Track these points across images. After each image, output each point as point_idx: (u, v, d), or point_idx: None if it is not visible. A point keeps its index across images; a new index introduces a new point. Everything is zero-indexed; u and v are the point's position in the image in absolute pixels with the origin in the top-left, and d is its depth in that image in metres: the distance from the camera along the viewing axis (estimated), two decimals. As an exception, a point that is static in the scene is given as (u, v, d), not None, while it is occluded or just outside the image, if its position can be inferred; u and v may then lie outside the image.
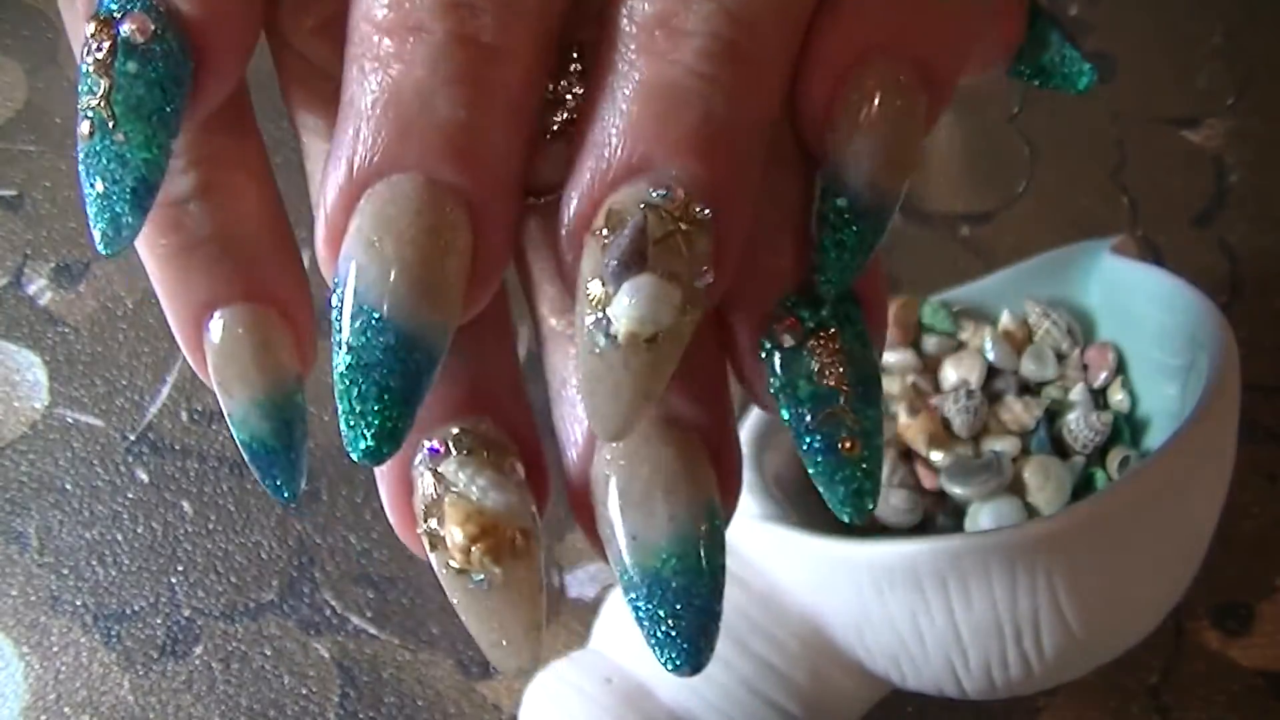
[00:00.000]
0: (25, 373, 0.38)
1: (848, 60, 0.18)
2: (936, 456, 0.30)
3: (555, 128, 0.18)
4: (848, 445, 0.18)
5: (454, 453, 0.18)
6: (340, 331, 0.17)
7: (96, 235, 0.18)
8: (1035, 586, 0.25)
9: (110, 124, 0.18)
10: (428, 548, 0.18)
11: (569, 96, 0.18)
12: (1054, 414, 0.31)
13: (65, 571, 0.35)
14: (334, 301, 0.17)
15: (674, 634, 0.18)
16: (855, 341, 0.18)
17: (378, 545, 0.35)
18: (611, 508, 0.18)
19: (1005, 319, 0.33)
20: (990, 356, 0.32)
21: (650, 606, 0.18)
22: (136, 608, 0.34)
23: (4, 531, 0.35)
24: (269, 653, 0.34)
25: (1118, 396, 0.31)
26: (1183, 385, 0.29)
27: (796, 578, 0.28)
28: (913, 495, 0.29)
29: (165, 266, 0.20)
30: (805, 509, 0.30)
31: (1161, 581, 0.28)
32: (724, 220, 0.17)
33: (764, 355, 0.18)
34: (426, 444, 0.18)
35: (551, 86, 0.18)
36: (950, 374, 0.32)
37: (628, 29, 0.17)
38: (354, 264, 0.17)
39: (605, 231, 0.17)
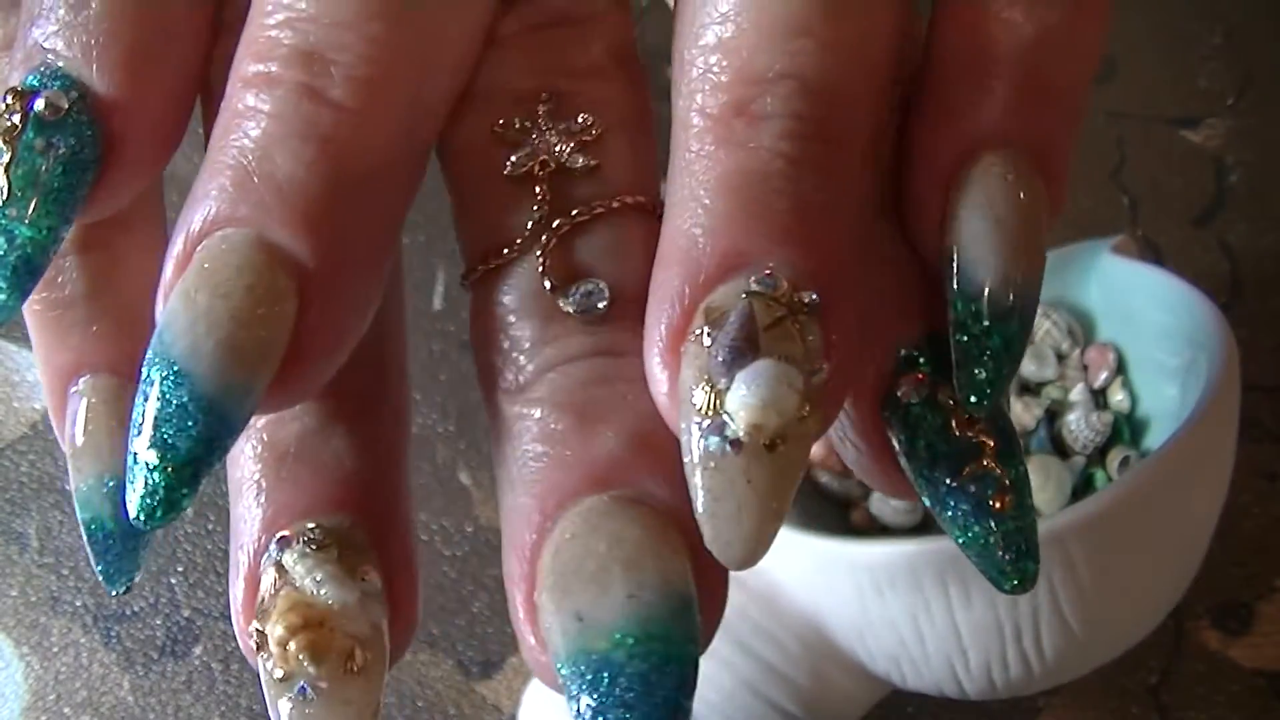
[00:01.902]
0: (25, 373, 0.38)
1: (961, 153, 0.16)
2: (936, 456, 0.30)
3: (508, 171, 0.17)
4: (999, 504, 0.16)
5: (297, 544, 0.16)
6: (141, 380, 0.15)
7: None
8: (1035, 587, 0.25)
9: (3, 196, 0.17)
10: (255, 649, 0.16)
11: (533, 136, 0.17)
12: (1054, 414, 0.31)
13: (65, 571, 0.35)
14: (149, 349, 0.15)
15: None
16: (998, 399, 0.16)
17: (378, 545, 0.35)
18: (553, 588, 0.15)
19: (1005, 319, 0.33)
20: (990, 356, 0.32)
21: (595, 702, 0.15)
22: (136, 608, 0.34)
23: (4, 531, 0.35)
24: (269, 653, 0.34)
25: (1118, 396, 0.31)
26: (1183, 385, 0.29)
27: (796, 578, 0.28)
28: (913, 495, 0.29)
29: (39, 321, 0.20)
30: (805, 509, 0.30)
31: (1161, 581, 0.28)
32: (832, 310, 0.15)
33: (886, 418, 0.16)
34: (280, 535, 0.16)
35: (502, 122, 0.17)
36: (950, 374, 0.32)
37: (699, 122, 0.15)
38: (168, 312, 0.15)
39: (707, 330, 0.14)
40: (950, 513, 0.16)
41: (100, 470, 0.20)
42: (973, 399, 0.16)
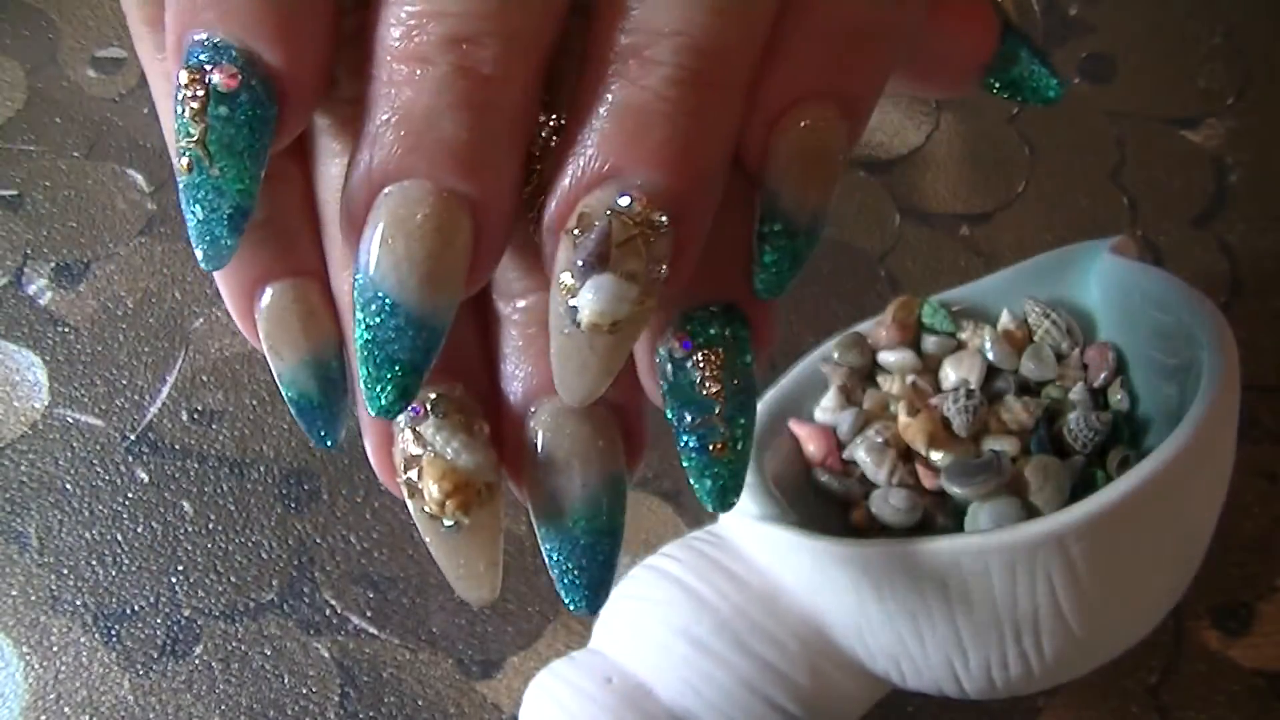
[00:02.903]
0: (25, 373, 0.38)
1: (785, 105, 0.20)
2: (936, 456, 0.30)
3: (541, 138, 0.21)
4: (717, 448, 0.21)
5: (431, 416, 0.21)
6: (360, 310, 0.19)
7: (200, 255, 0.21)
8: (1035, 586, 0.25)
9: (206, 162, 0.20)
10: (406, 495, 0.21)
11: (554, 116, 0.21)
12: (1054, 414, 0.31)
13: (65, 571, 0.35)
14: (355, 285, 0.20)
15: (579, 582, 0.21)
16: (738, 360, 0.21)
17: (378, 545, 0.35)
18: (536, 471, 0.21)
19: (1005, 319, 0.33)
20: (990, 356, 0.32)
21: (561, 557, 0.21)
22: (136, 608, 0.34)
23: (4, 531, 0.35)
24: (269, 653, 0.34)
25: (1117, 396, 0.31)
26: (1183, 385, 0.29)
27: (796, 578, 0.28)
28: (913, 495, 0.29)
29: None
30: (805, 509, 0.30)
31: (1161, 581, 0.28)
32: (683, 227, 0.19)
33: (658, 360, 0.21)
34: (414, 405, 0.21)
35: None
36: (950, 374, 0.32)
37: (606, 59, 0.19)
38: (371, 256, 0.19)
39: (577, 231, 0.19)
40: (681, 443, 0.21)
41: (299, 355, 0.23)
42: (763, 293, 0.21)
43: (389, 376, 0.20)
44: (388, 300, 0.19)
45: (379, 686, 0.33)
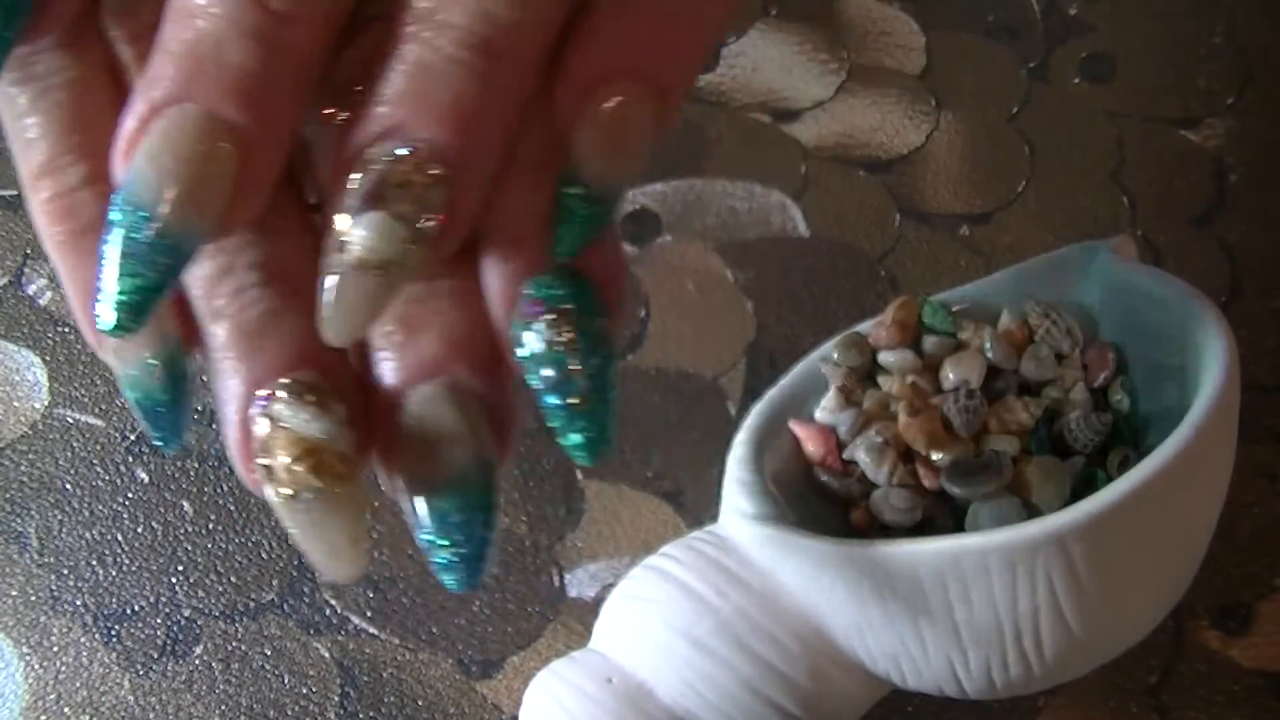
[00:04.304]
0: (25, 373, 0.38)
1: (593, 79, 0.21)
2: (936, 456, 0.30)
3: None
4: (579, 403, 0.22)
5: (281, 395, 0.22)
6: (113, 222, 0.20)
7: None
8: (1035, 586, 0.25)
9: None
10: (263, 481, 0.22)
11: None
12: (1054, 414, 0.31)
13: (65, 571, 0.35)
14: (115, 197, 0.20)
15: (455, 560, 0.22)
16: (586, 315, 0.22)
17: (378, 545, 0.35)
18: (409, 454, 0.22)
19: (1005, 319, 0.33)
20: (990, 356, 0.32)
21: (434, 539, 0.22)
22: (136, 608, 0.34)
23: (4, 531, 0.35)
24: (269, 652, 0.34)
25: (1117, 396, 0.31)
26: (1182, 385, 0.29)
27: (797, 578, 0.28)
28: (913, 495, 0.29)
29: (62, 252, 0.23)
30: (805, 509, 0.30)
31: (1161, 581, 0.28)
32: (459, 183, 0.21)
33: (514, 331, 0.22)
34: (260, 394, 0.22)
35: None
36: (950, 374, 0.32)
37: (405, 19, 0.21)
38: (136, 171, 0.20)
39: (358, 177, 0.20)
40: (544, 404, 0.22)
41: (140, 355, 0.23)
42: (561, 253, 0.22)
43: (126, 290, 0.20)
44: (143, 215, 0.20)
45: (379, 686, 0.33)
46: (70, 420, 0.37)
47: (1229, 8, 0.43)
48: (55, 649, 0.34)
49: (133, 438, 0.36)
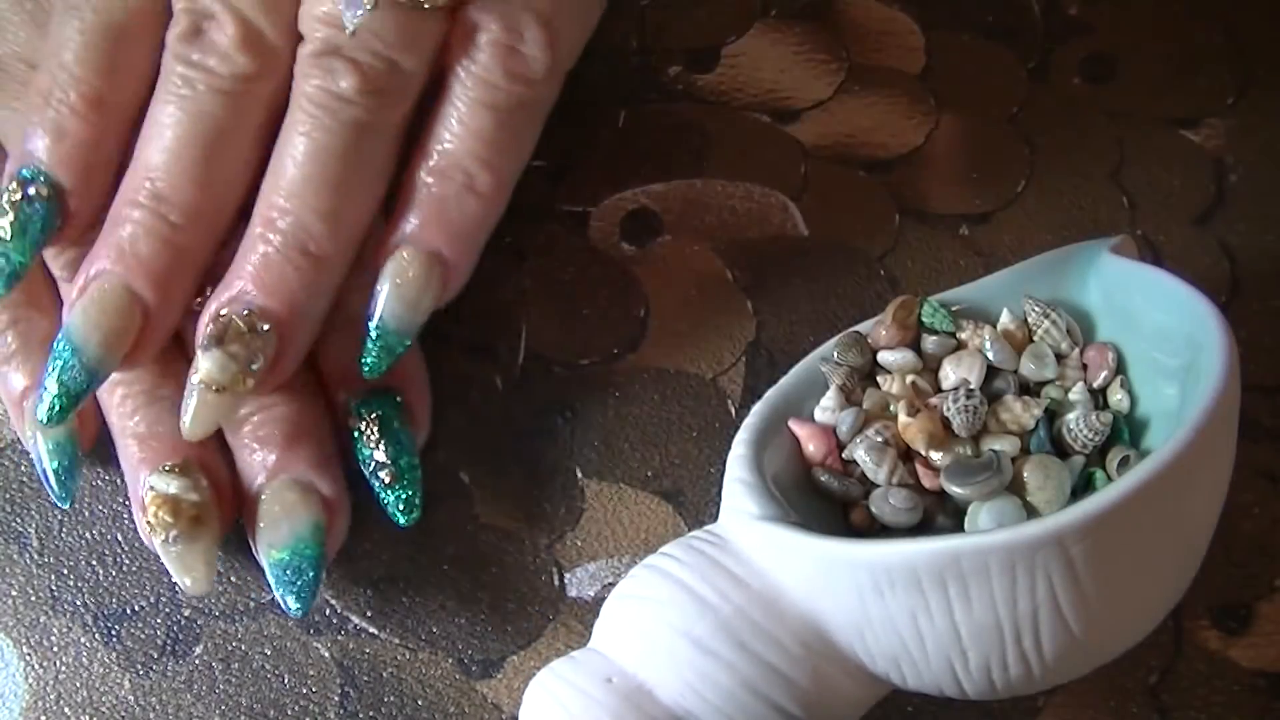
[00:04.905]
0: (25, 373, 0.38)
1: (389, 247, 0.32)
2: (936, 456, 0.30)
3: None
4: (389, 479, 0.32)
5: (158, 474, 0.32)
6: (55, 350, 0.31)
7: None
8: (1035, 586, 0.25)
9: (6, 238, 0.32)
10: (147, 532, 0.32)
11: None
12: (1054, 414, 0.31)
13: (65, 571, 0.35)
14: (58, 336, 0.31)
15: (294, 594, 0.31)
16: (392, 422, 0.33)
17: (378, 545, 0.35)
18: (260, 522, 0.32)
19: (1005, 319, 0.33)
20: (990, 356, 0.32)
21: (282, 575, 0.31)
22: (136, 608, 0.34)
23: (4, 531, 0.35)
24: (269, 652, 0.34)
25: (1117, 396, 0.31)
26: (1182, 385, 0.29)
27: (797, 578, 0.28)
28: (913, 495, 0.29)
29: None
30: (805, 509, 0.30)
31: (1161, 581, 0.28)
32: (282, 338, 0.31)
33: (350, 432, 0.33)
34: (146, 475, 0.32)
35: None
36: (950, 374, 0.32)
37: (258, 219, 0.32)
38: (73, 319, 0.31)
39: (210, 326, 0.31)
40: (370, 480, 0.33)
41: (49, 436, 0.33)
42: (367, 372, 0.32)
43: (57, 396, 0.30)
44: (74, 347, 0.30)
45: (379, 686, 0.33)
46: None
47: (1229, 8, 0.43)
48: (55, 649, 0.34)
49: (133, 438, 0.36)
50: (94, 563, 0.35)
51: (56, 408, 0.30)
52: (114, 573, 0.35)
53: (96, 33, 0.32)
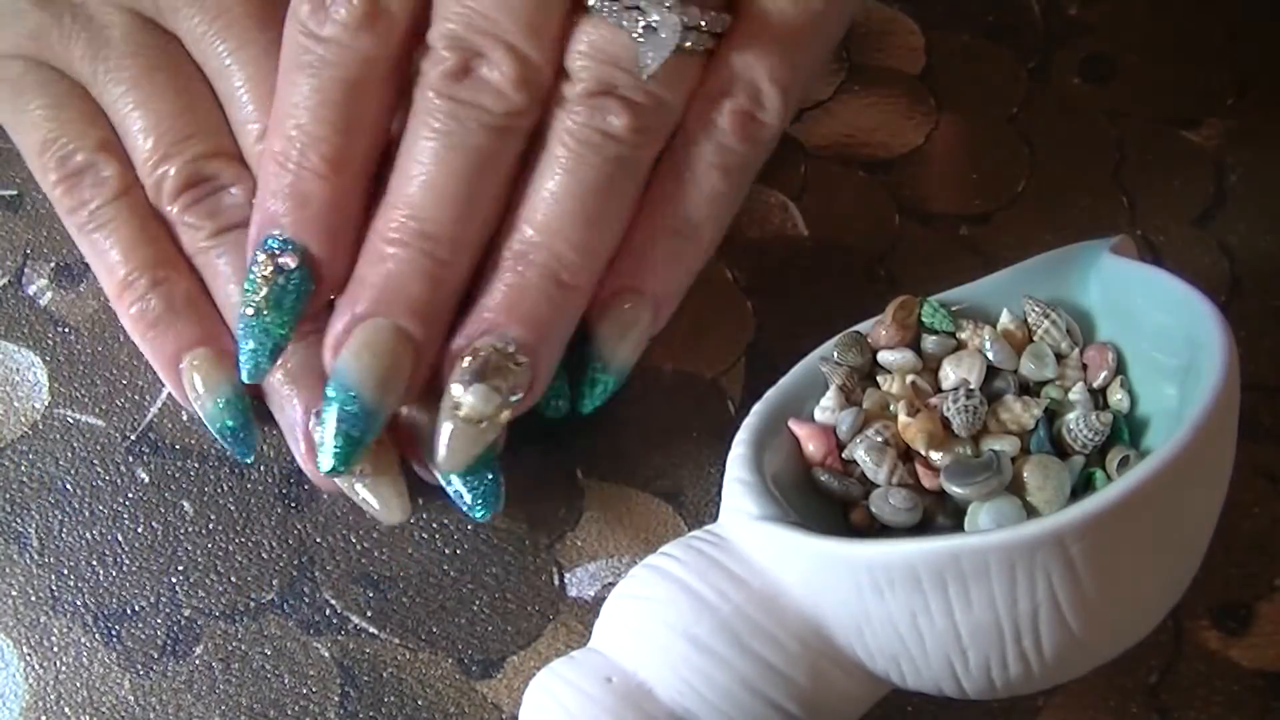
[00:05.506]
0: (25, 373, 0.38)
1: (613, 292, 0.33)
2: (936, 456, 0.30)
3: None
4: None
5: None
6: (332, 399, 0.30)
7: (243, 372, 0.32)
8: (1035, 586, 0.25)
9: (265, 312, 0.31)
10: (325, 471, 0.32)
11: None
12: (1054, 414, 0.31)
13: (65, 571, 0.35)
14: (330, 383, 0.31)
15: (479, 499, 0.33)
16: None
17: (378, 545, 0.35)
18: (427, 439, 0.32)
19: (1005, 319, 0.33)
20: (990, 356, 0.32)
21: (461, 487, 0.33)
22: (137, 608, 0.34)
23: (4, 531, 0.35)
24: (269, 652, 0.34)
25: (1117, 396, 0.31)
26: (1182, 385, 0.29)
27: (796, 578, 0.28)
28: (913, 495, 0.29)
29: (143, 335, 0.35)
30: (805, 509, 0.30)
31: (1161, 581, 0.28)
32: (535, 366, 0.31)
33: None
34: (315, 410, 0.33)
35: None
36: (950, 374, 0.32)
37: (504, 252, 0.32)
38: (344, 363, 0.31)
39: (468, 360, 0.31)
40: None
41: (216, 396, 0.34)
42: (583, 410, 0.34)
43: (341, 444, 0.30)
44: (352, 394, 0.30)
45: (379, 686, 0.33)
46: (70, 420, 0.37)
47: (1229, 8, 0.43)
48: (55, 649, 0.34)
49: (133, 438, 0.36)
50: (94, 563, 0.35)
51: (342, 456, 0.30)
52: (114, 573, 0.35)
53: (333, 89, 0.31)
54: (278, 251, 0.31)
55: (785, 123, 0.33)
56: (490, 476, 0.32)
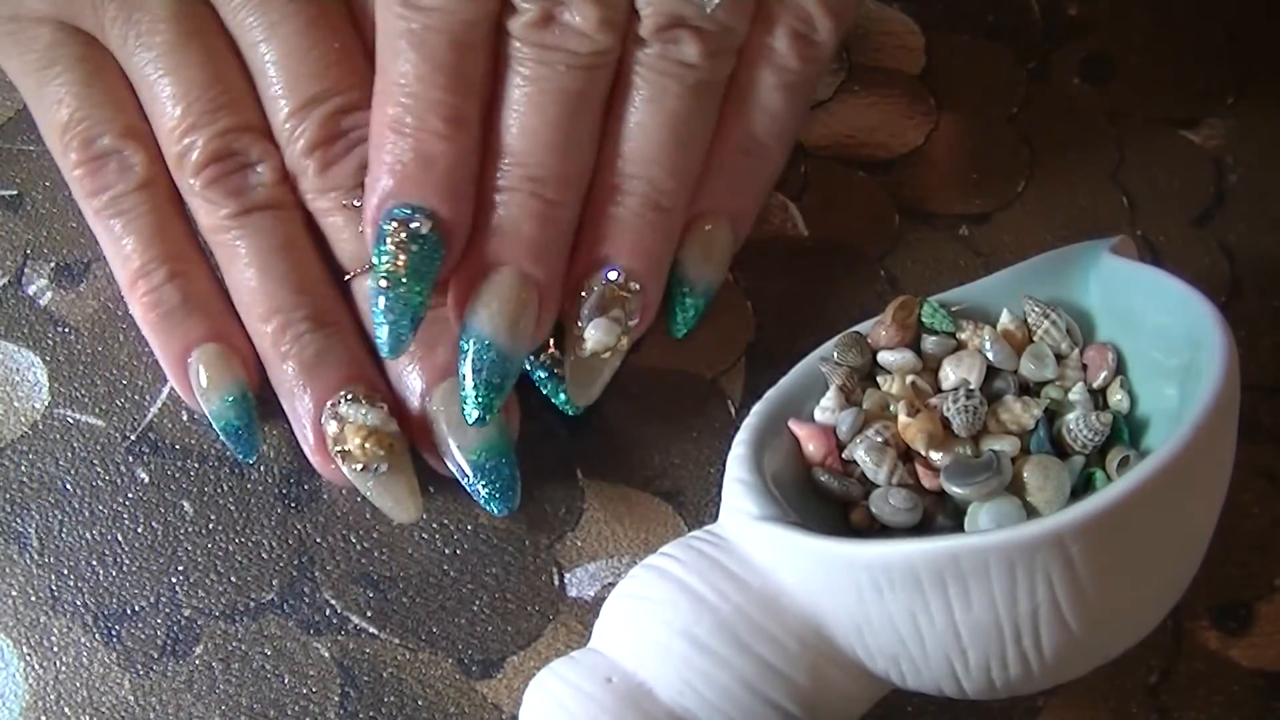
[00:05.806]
0: (25, 373, 0.38)
1: (693, 215, 0.35)
2: (936, 456, 0.30)
3: None
4: (559, 373, 0.34)
5: (344, 403, 0.33)
6: (466, 350, 0.31)
7: (384, 348, 0.32)
8: (1035, 586, 0.25)
9: (404, 281, 0.31)
10: (340, 463, 0.33)
11: None
12: (1054, 414, 0.31)
13: (65, 571, 0.35)
14: (463, 332, 0.32)
15: (496, 493, 0.33)
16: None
17: (378, 545, 0.35)
18: (443, 431, 0.33)
19: (1005, 319, 0.33)
20: (990, 356, 0.32)
21: (477, 481, 0.33)
22: (137, 608, 0.34)
23: (4, 531, 0.35)
24: (269, 652, 0.34)
25: (1117, 396, 0.31)
26: (1182, 385, 0.29)
27: (796, 578, 0.28)
28: (913, 495, 0.29)
29: (152, 327, 0.35)
30: (805, 509, 0.30)
31: (1161, 581, 0.28)
32: (646, 293, 0.33)
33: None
34: (328, 404, 0.33)
35: None
36: (950, 374, 0.32)
37: (606, 186, 0.33)
38: (475, 314, 0.32)
39: (585, 294, 0.33)
40: (535, 376, 0.35)
41: (223, 394, 0.34)
42: (675, 332, 0.35)
43: (484, 392, 0.31)
44: (487, 342, 0.31)
45: (379, 686, 0.33)
46: (70, 420, 0.37)
47: (1229, 8, 0.43)
48: (55, 649, 0.34)
49: (133, 438, 0.36)
50: (94, 563, 0.35)
51: (486, 404, 0.31)
52: (114, 573, 0.35)
53: (442, 52, 0.32)
54: (407, 217, 0.31)
55: (837, 45, 0.35)
56: (507, 470, 0.33)
